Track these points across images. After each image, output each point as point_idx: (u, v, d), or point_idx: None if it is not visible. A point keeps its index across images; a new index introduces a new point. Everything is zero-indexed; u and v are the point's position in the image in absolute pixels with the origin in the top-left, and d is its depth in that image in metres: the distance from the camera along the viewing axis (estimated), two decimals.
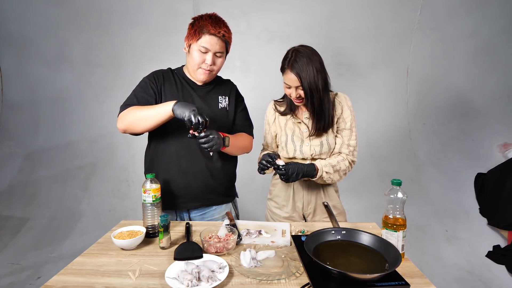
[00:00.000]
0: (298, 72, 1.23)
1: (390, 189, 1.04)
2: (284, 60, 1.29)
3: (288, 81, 1.27)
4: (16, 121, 3.51)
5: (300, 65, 1.23)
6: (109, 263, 1.01)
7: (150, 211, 1.19)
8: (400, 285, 0.85)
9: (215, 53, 1.29)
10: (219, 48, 1.28)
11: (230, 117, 1.43)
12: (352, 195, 3.24)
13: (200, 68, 1.31)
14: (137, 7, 3.21)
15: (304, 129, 1.37)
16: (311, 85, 1.24)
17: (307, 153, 1.36)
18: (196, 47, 1.27)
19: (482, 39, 3.31)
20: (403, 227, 1.02)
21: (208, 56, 1.28)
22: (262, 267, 0.99)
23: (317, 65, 1.25)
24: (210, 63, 1.29)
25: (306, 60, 1.23)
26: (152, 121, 1.20)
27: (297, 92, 1.28)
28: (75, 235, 2.92)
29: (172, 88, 1.35)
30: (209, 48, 1.27)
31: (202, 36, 1.25)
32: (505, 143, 3.31)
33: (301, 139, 1.37)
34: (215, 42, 1.26)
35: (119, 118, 1.26)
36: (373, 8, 3.22)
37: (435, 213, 3.11)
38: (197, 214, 1.42)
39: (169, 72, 1.41)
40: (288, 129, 1.40)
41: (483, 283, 2.39)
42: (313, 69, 1.23)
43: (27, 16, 3.26)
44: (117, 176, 3.38)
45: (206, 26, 1.25)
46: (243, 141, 1.42)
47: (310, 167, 1.28)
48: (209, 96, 1.39)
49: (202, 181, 1.36)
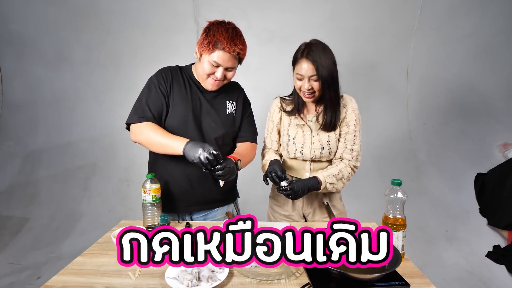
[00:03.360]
0: (315, 59, 1.19)
1: (390, 189, 1.04)
2: (297, 52, 1.25)
3: (302, 70, 1.22)
4: (16, 121, 3.51)
5: (317, 53, 1.20)
6: (109, 263, 1.01)
7: (150, 211, 1.19)
8: (400, 285, 0.85)
9: (226, 68, 1.25)
10: (231, 64, 1.24)
11: (237, 123, 1.41)
12: (352, 195, 3.24)
13: (210, 78, 1.27)
14: (137, 7, 3.21)
15: (306, 131, 1.35)
16: (329, 73, 1.20)
17: (307, 155, 1.35)
18: (208, 59, 1.22)
19: (482, 39, 3.31)
20: (403, 227, 1.02)
21: (219, 70, 1.23)
22: (262, 267, 0.99)
23: (333, 57, 1.23)
24: (220, 78, 1.25)
25: (322, 50, 1.21)
26: (164, 150, 1.23)
27: (310, 84, 1.23)
28: (75, 235, 2.92)
29: (181, 91, 1.32)
30: (221, 64, 1.22)
31: (215, 50, 1.19)
32: (505, 143, 3.31)
33: (302, 141, 1.35)
34: (227, 58, 1.21)
35: (132, 131, 1.26)
36: (373, 8, 3.22)
37: (435, 213, 3.11)
38: (199, 215, 1.42)
39: (177, 70, 1.36)
40: (291, 130, 1.37)
41: (483, 283, 2.39)
42: (330, 59, 1.21)
43: (27, 16, 3.26)
44: (117, 176, 3.38)
45: (221, 41, 1.18)
46: (249, 156, 1.40)
47: (313, 181, 1.27)
48: (216, 101, 1.36)
49: (206, 185, 1.35)
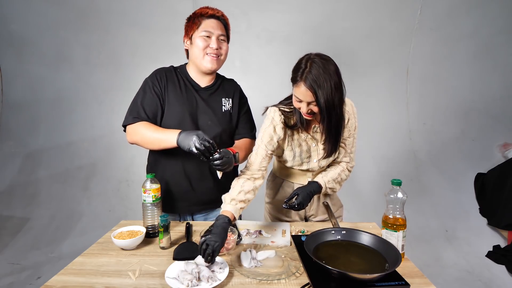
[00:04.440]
0: (313, 86, 1.05)
1: (390, 189, 1.04)
2: (296, 71, 1.09)
3: (300, 95, 1.09)
4: (16, 121, 3.51)
5: (316, 78, 1.04)
6: (109, 263, 1.01)
7: (150, 211, 1.19)
8: (400, 285, 0.85)
9: (218, 36, 1.29)
10: (221, 31, 1.29)
11: (234, 120, 1.41)
12: (352, 195, 3.25)
13: (207, 55, 1.29)
14: (137, 7, 3.21)
15: (312, 143, 1.27)
16: (327, 102, 1.06)
17: (315, 168, 1.32)
18: (198, 34, 1.27)
19: (482, 39, 3.31)
20: (403, 227, 1.02)
21: (212, 40, 1.28)
22: (262, 267, 0.99)
23: (335, 79, 1.07)
24: (216, 47, 1.28)
25: (323, 73, 1.05)
26: (159, 146, 1.23)
27: (309, 108, 1.11)
28: (75, 235, 2.92)
29: (176, 90, 1.32)
30: (212, 32, 1.27)
31: (202, 21, 1.27)
32: (505, 143, 3.31)
33: (309, 154, 1.28)
34: (215, 24, 1.28)
35: (128, 132, 1.27)
36: (373, 8, 3.22)
37: (435, 213, 3.11)
38: (200, 216, 1.42)
39: (172, 71, 1.37)
40: (295, 145, 1.27)
41: (483, 283, 2.39)
42: (331, 84, 1.05)
43: (27, 16, 3.26)
44: (117, 176, 3.38)
45: (204, 11, 1.28)
46: (248, 151, 1.39)
47: (315, 186, 1.24)
48: (212, 98, 1.37)
49: (206, 185, 1.35)
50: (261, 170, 1.23)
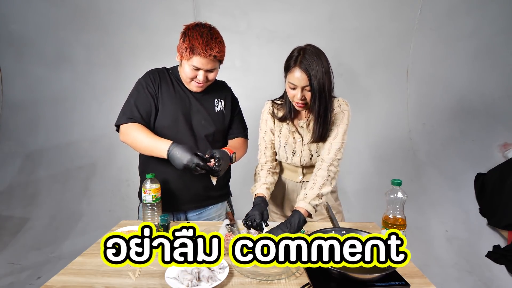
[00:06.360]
0: (307, 69, 1.13)
1: (390, 189, 1.04)
2: (290, 59, 1.18)
3: (295, 80, 1.16)
4: (16, 121, 3.50)
5: (310, 62, 1.13)
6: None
7: (150, 211, 1.19)
8: (400, 285, 0.85)
9: (207, 70, 1.27)
10: (211, 67, 1.26)
11: (226, 120, 1.44)
12: (352, 195, 3.25)
13: (193, 81, 1.30)
14: (137, 7, 3.21)
15: (297, 138, 1.33)
16: (320, 84, 1.14)
17: (297, 163, 1.35)
18: (187, 63, 1.25)
19: (482, 39, 3.31)
20: (403, 227, 1.02)
21: (200, 73, 1.26)
22: (262, 267, 0.99)
23: (326, 65, 1.17)
24: (202, 80, 1.28)
25: (316, 58, 1.14)
26: (150, 153, 1.25)
27: (303, 94, 1.18)
28: (75, 235, 2.92)
29: (169, 90, 1.34)
30: (201, 68, 1.25)
31: (193, 56, 1.22)
32: (505, 143, 3.31)
33: (293, 148, 1.34)
34: (206, 62, 1.23)
35: (121, 132, 1.29)
36: (373, 8, 3.22)
37: (435, 213, 3.11)
38: (193, 214, 1.43)
39: (164, 72, 1.39)
40: (282, 136, 1.35)
41: (483, 283, 2.39)
42: (322, 69, 1.14)
43: (27, 16, 3.26)
44: (117, 176, 3.37)
45: (196, 47, 1.20)
46: (242, 150, 1.45)
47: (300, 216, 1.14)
48: (204, 98, 1.39)
49: (199, 182, 1.36)
50: (268, 160, 1.38)
